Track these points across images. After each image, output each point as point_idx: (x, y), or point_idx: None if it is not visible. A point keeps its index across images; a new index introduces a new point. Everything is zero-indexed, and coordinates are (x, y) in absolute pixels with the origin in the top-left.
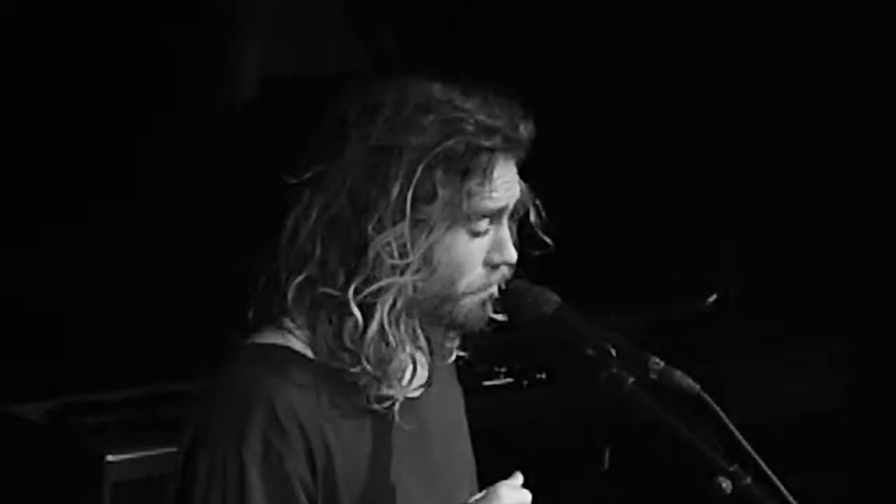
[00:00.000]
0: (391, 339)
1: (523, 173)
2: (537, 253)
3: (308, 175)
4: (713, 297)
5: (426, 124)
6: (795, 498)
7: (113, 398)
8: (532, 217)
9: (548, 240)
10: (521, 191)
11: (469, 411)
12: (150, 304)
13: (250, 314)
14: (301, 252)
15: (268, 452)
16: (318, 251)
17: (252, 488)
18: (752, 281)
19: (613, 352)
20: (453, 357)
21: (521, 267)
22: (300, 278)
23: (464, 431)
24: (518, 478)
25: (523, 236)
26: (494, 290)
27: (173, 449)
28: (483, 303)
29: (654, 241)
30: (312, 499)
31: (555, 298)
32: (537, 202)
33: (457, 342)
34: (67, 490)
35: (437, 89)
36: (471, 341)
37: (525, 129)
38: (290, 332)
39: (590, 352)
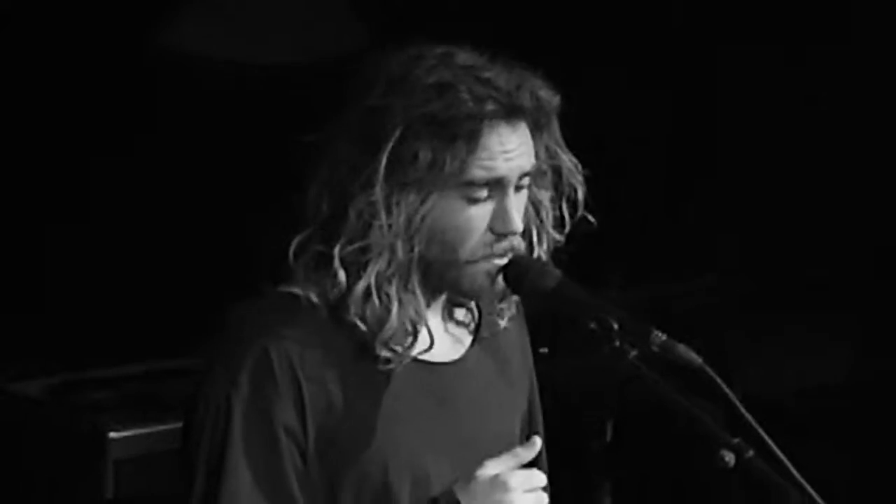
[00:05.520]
0: (379, 299)
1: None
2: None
3: (318, 136)
4: (714, 274)
5: (419, 88)
6: (798, 471)
7: (114, 375)
8: (580, 195)
9: (591, 218)
10: (565, 168)
11: None
12: (151, 280)
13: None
14: (307, 210)
15: (255, 396)
16: (319, 210)
17: (234, 428)
18: (754, 256)
19: (616, 325)
20: (501, 327)
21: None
22: (302, 236)
23: (509, 411)
24: (535, 446)
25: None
26: (501, 260)
27: (175, 425)
28: (488, 272)
29: (657, 220)
30: (301, 447)
31: (556, 272)
32: (580, 179)
33: (507, 314)
34: (69, 467)
35: (448, 55)
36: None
37: (531, 97)
38: (306, 284)
39: (592, 325)
